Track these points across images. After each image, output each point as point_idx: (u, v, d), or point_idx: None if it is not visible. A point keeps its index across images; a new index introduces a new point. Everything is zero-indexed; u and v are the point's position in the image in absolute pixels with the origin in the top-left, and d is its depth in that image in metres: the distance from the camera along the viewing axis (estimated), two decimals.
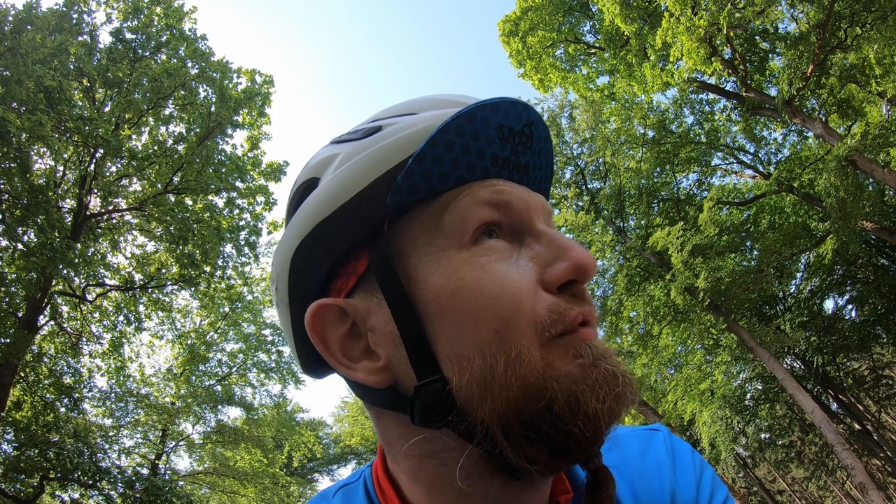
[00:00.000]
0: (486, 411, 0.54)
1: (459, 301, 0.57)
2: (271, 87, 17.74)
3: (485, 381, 0.54)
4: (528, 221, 0.62)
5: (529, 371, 0.54)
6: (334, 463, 35.67)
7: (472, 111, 0.59)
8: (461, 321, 0.57)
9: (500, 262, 0.58)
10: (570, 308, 0.57)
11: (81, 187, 14.27)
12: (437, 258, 0.60)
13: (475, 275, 0.57)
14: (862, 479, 12.10)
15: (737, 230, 15.40)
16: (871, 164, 11.68)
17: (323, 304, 0.65)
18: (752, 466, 22.98)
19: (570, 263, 0.58)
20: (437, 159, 0.59)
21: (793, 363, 18.18)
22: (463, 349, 0.56)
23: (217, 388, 21.48)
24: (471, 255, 0.59)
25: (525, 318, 0.55)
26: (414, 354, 0.59)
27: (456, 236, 0.60)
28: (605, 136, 17.34)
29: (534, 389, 0.54)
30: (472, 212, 0.60)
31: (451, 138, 0.59)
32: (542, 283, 0.58)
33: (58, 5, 13.88)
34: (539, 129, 0.65)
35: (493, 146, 0.62)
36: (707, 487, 0.75)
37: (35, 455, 12.54)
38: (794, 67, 12.66)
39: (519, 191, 0.63)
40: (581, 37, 18.35)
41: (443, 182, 0.61)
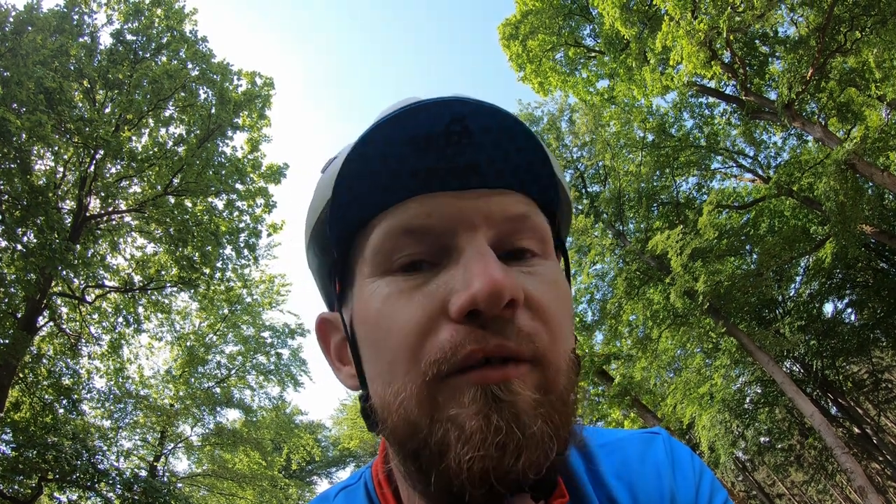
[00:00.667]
0: (389, 433, 0.57)
1: (365, 331, 0.60)
2: (271, 89, 17.74)
3: (382, 405, 0.57)
4: (450, 241, 0.57)
5: (411, 407, 0.53)
6: (333, 466, 35.68)
7: (368, 135, 0.56)
8: (371, 349, 0.59)
9: (403, 293, 0.56)
10: (464, 345, 0.52)
11: (81, 188, 14.27)
12: (362, 285, 0.61)
13: (377, 307, 0.57)
14: (861, 483, 12.09)
15: (736, 234, 15.39)
16: (871, 168, 11.71)
17: (322, 317, 0.74)
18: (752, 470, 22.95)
19: (468, 291, 0.52)
20: (351, 189, 0.59)
21: (792, 367, 18.18)
22: (372, 373, 0.60)
23: (216, 390, 21.47)
24: (378, 287, 0.58)
25: (409, 356, 0.54)
26: (357, 368, 0.64)
27: (377, 263, 0.59)
28: (605, 140, 17.37)
29: (416, 426, 0.53)
30: (387, 241, 0.58)
31: (357, 168, 0.58)
32: (445, 313, 0.54)
33: (59, 6, 13.89)
34: (478, 119, 0.56)
35: (409, 161, 0.57)
36: (706, 490, 0.74)
37: (33, 456, 12.52)
38: (793, 71, 12.69)
39: (447, 204, 0.58)
40: (581, 40, 18.36)
41: (363, 210, 0.60)
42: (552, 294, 0.58)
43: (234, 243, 16.78)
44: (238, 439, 21.38)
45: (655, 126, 16.63)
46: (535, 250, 0.61)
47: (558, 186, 0.64)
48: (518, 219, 0.60)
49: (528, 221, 0.61)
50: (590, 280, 17.62)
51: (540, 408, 0.52)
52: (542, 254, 0.62)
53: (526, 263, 0.59)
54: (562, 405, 0.55)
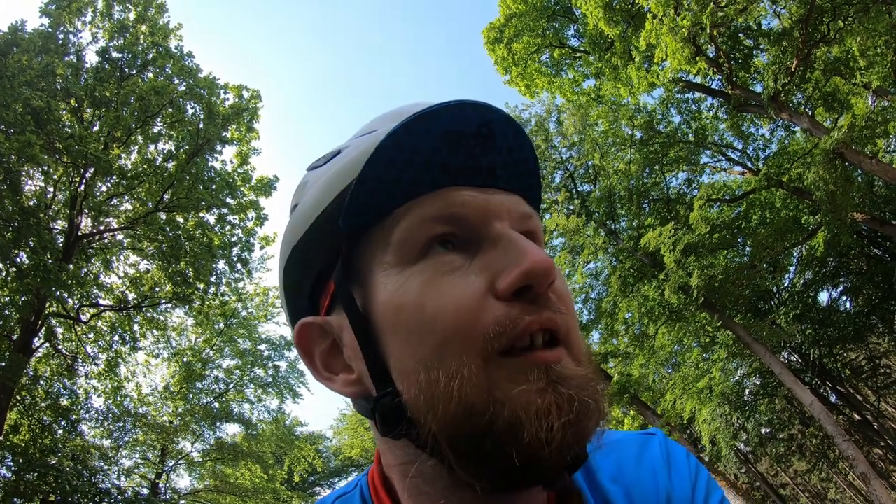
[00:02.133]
0: (432, 424, 0.55)
1: (403, 317, 0.58)
2: (259, 101, 17.75)
3: (429, 395, 0.55)
4: (485, 228, 0.60)
5: (471, 389, 0.53)
6: (335, 476, 35.54)
7: (408, 123, 0.58)
8: (406, 337, 0.58)
9: (445, 275, 0.57)
10: (521, 317, 0.54)
11: (72, 208, 14.23)
12: (387, 275, 0.60)
13: (418, 290, 0.57)
14: (864, 469, 12.10)
15: (728, 227, 15.40)
16: (859, 156, 11.76)
17: (304, 323, 0.68)
18: (754, 462, 22.95)
19: (520, 268, 0.54)
20: (379, 178, 0.59)
21: (790, 357, 18.22)
22: (409, 364, 0.57)
23: (215, 405, 21.40)
24: (416, 271, 0.59)
25: (465, 334, 0.54)
26: (372, 368, 0.61)
27: (404, 253, 0.60)
28: (594, 139, 17.38)
29: (475, 408, 0.53)
30: (418, 229, 0.59)
31: (391, 155, 0.58)
32: (493, 291, 0.56)
33: (43, 26, 13.87)
34: (502, 125, 0.61)
35: (442, 154, 0.60)
36: (702, 490, 0.75)
37: (34, 478, 12.47)
38: (778, 63, 12.74)
39: (476, 197, 0.61)
40: (565, 41, 18.41)
41: (390, 199, 0.61)
42: (564, 284, 0.62)
43: (227, 257, 16.76)
44: (239, 453, 21.32)
45: (643, 123, 16.66)
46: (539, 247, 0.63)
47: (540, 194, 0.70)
48: (527, 217, 0.65)
49: (533, 221, 0.65)
50: (584, 280, 17.60)
51: (590, 382, 0.56)
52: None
53: None
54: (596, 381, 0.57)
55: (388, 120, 0.67)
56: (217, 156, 16.65)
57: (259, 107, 17.77)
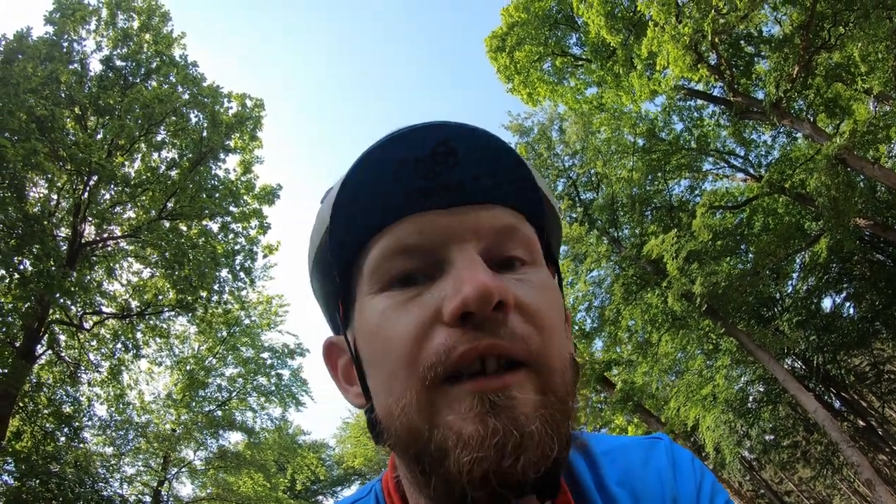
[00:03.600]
0: (393, 442, 0.60)
1: (367, 345, 0.63)
2: (262, 110, 17.80)
3: (386, 414, 0.60)
4: (444, 253, 0.60)
5: (415, 414, 0.56)
6: (338, 485, 35.41)
7: (362, 160, 0.61)
8: (371, 363, 0.63)
9: (398, 307, 0.60)
10: (457, 346, 0.55)
11: (76, 215, 14.26)
12: (361, 304, 0.65)
13: (375, 322, 0.61)
14: (869, 476, 12.05)
15: (731, 234, 15.39)
16: (861, 162, 11.77)
17: (330, 341, 0.77)
18: (759, 469, 22.81)
19: (458, 296, 0.55)
20: (348, 216, 0.63)
21: (793, 363, 18.13)
22: (375, 386, 0.63)
23: (217, 413, 21.35)
24: (376, 303, 0.62)
25: (409, 364, 0.56)
26: (361, 384, 0.67)
27: (373, 283, 0.63)
28: (596, 147, 17.39)
29: (417, 431, 0.56)
30: (383, 262, 0.62)
31: (353, 193, 0.62)
32: (440, 318, 0.57)
33: (48, 34, 13.94)
34: (461, 140, 0.60)
35: (401, 182, 0.61)
36: (707, 492, 0.76)
37: (36, 485, 12.46)
38: (779, 70, 12.78)
39: (436, 222, 0.61)
40: (567, 49, 18.46)
41: (361, 233, 0.64)
42: (542, 298, 0.61)
43: (230, 266, 16.76)
44: (241, 462, 21.28)
45: (645, 131, 16.67)
46: (524, 258, 0.64)
47: (542, 199, 0.68)
48: (505, 230, 0.63)
49: (516, 232, 0.64)
50: (587, 287, 17.60)
51: (540, 409, 0.55)
52: (531, 262, 0.65)
53: (516, 272, 0.63)
54: (561, 405, 0.57)
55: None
56: (220, 164, 16.70)
57: (262, 115, 17.83)
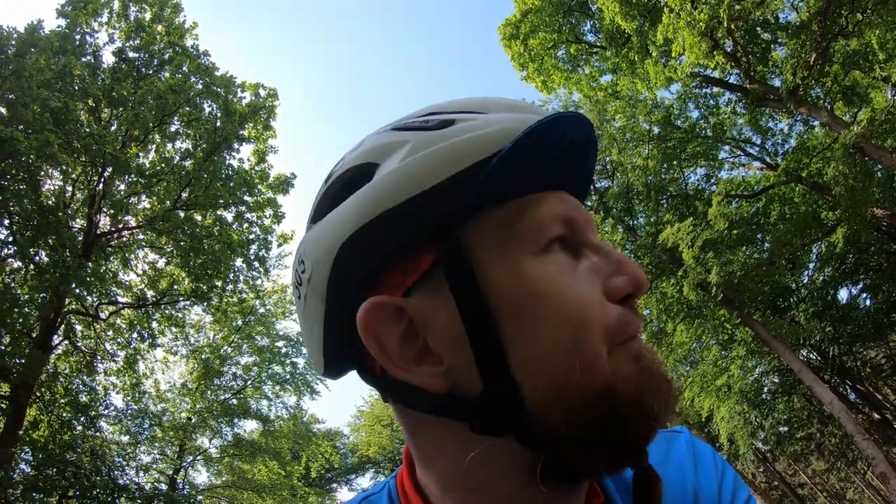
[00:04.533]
0: (560, 414, 0.54)
1: (536, 306, 0.56)
2: (276, 100, 17.87)
3: (560, 384, 0.54)
4: (586, 235, 0.63)
5: (601, 374, 0.55)
6: (352, 473, 35.62)
7: (550, 122, 0.58)
8: (537, 325, 0.56)
9: (568, 272, 0.59)
10: (633, 321, 0.59)
11: (91, 206, 14.39)
12: (510, 262, 0.58)
13: (551, 282, 0.57)
14: (883, 469, 11.98)
15: (747, 223, 15.25)
16: (879, 151, 11.61)
17: (378, 302, 0.60)
18: (772, 460, 22.77)
19: (629, 277, 0.59)
20: (517, 164, 0.58)
21: (809, 355, 18.03)
22: (538, 354, 0.56)
23: (232, 401, 21.54)
24: (542, 264, 0.58)
25: (598, 326, 0.56)
26: (482, 358, 0.57)
27: (529, 243, 0.59)
28: (611, 135, 17.28)
29: (604, 392, 0.55)
30: (549, 224, 0.60)
31: (534, 144, 0.58)
32: (605, 293, 0.59)
33: (60, 27, 14.03)
34: (594, 144, 0.67)
35: (563, 159, 0.63)
36: (729, 488, 0.76)
37: (53, 474, 12.63)
38: (796, 57, 12.61)
39: (580, 206, 0.65)
40: (582, 36, 18.34)
41: (518, 187, 0.60)
42: None
43: (245, 255, 16.88)
44: (256, 450, 21.50)
45: (661, 118, 16.55)
46: None
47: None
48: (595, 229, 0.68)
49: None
50: None
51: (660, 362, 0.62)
52: None
53: None
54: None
55: (499, 107, 0.65)
56: (234, 154, 16.80)
57: (276, 105, 17.90)
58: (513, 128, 0.59)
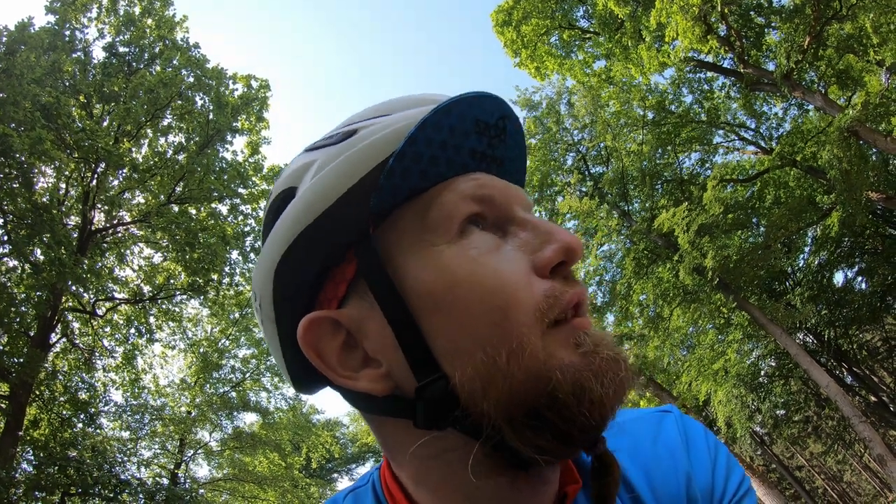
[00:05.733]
0: (491, 404, 0.54)
1: (455, 295, 0.56)
2: (268, 91, 17.79)
3: (487, 373, 0.54)
4: (511, 211, 0.62)
5: (532, 360, 0.53)
6: (353, 462, 35.80)
7: (447, 106, 0.58)
8: (458, 315, 0.56)
9: (490, 253, 0.58)
10: (565, 290, 0.57)
11: (85, 203, 14.34)
12: (426, 255, 0.59)
13: (468, 267, 0.56)
14: (880, 451, 12.06)
15: (742, 207, 15.29)
16: (874, 134, 11.60)
17: (314, 318, 0.62)
18: (770, 444, 22.92)
19: (558, 245, 0.58)
20: (416, 157, 0.58)
21: (805, 338, 18.09)
22: (462, 343, 0.55)
23: (232, 394, 21.61)
24: (460, 249, 0.58)
25: (524, 307, 0.55)
26: (411, 355, 0.58)
27: (442, 231, 0.59)
28: (605, 121, 17.24)
29: (537, 378, 0.53)
30: (457, 206, 0.59)
31: (429, 135, 0.58)
32: (533, 268, 0.57)
33: (50, 24, 13.91)
34: (512, 122, 0.66)
35: (470, 140, 0.62)
36: (722, 468, 0.74)
37: (55, 472, 12.65)
38: (790, 41, 12.57)
39: (499, 182, 0.64)
40: (575, 22, 18.25)
41: (424, 179, 0.60)
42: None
43: (241, 247, 16.86)
44: (257, 442, 21.54)
45: (655, 104, 16.52)
46: None
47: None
48: (530, 207, 0.67)
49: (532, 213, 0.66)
50: (598, 262, 17.59)
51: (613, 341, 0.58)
52: None
53: None
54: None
55: (403, 104, 0.66)
56: (228, 146, 16.79)
57: (268, 96, 17.83)
58: (405, 125, 0.60)
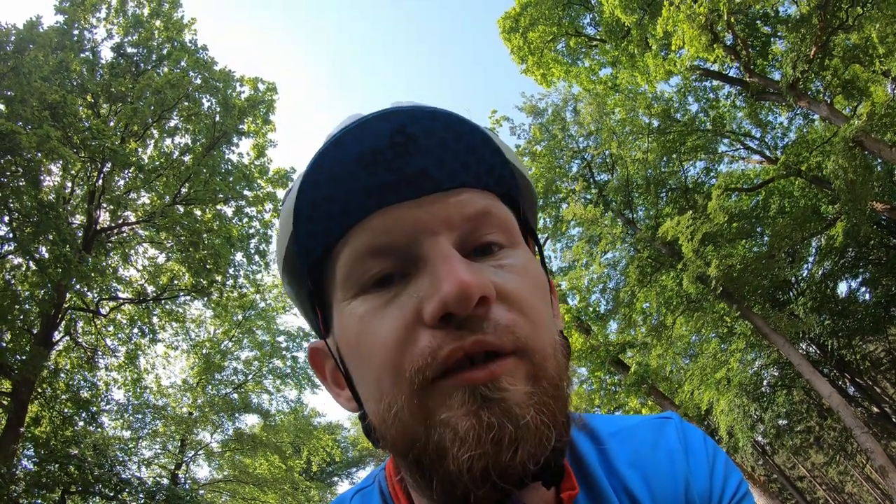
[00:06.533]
0: (389, 447, 0.58)
1: (349, 353, 0.61)
2: (275, 94, 17.81)
3: (380, 421, 0.57)
4: (417, 249, 0.57)
5: (405, 418, 0.54)
6: (353, 466, 35.78)
7: (316, 160, 0.57)
8: (357, 370, 0.61)
9: (376, 311, 0.57)
10: (443, 346, 0.53)
11: (90, 202, 14.37)
12: (338, 311, 0.62)
13: (356, 328, 0.58)
14: (882, 462, 12.01)
15: (746, 216, 15.27)
16: (879, 145, 11.58)
17: (312, 347, 0.73)
18: (771, 454, 22.80)
19: (437, 296, 0.52)
20: (310, 218, 0.59)
21: (808, 348, 18.02)
22: (364, 393, 0.61)
23: (233, 396, 21.62)
24: (353, 308, 0.59)
25: (394, 369, 0.54)
26: (351, 391, 0.65)
27: (347, 288, 0.60)
28: (611, 128, 17.26)
29: (414, 435, 0.54)
30: (356, 266, 0.59)
31: (311, 196, 0.58)
32: (421, 320, 0.54)
33: (58, 23, 13.97)
34: (419, 124, 0.57)
35: (360, 179, 0.57)
36: (720, 472, 0.75)
37: (56, 470, 12.67)
38: (796, 50, 12.57)
39: (403, 216, 0.58)
40: (581, 29, 18.29)
41: (329, 235, 0.60)
42: (524, 282, 0.59)
43: (245, 249, 16.87)
44: (257, 444, 21.52)
45: (661, 112, 16.52)
46: (502, 242, 0.61)
47: (515, 173, 0.65)
48: (477, 216, 0.60)
49: (489, 216, 0.61)
50: (602, 269, 17.56)
51: (531, 398, 0.53)
52: (510, 244, 0.62)
53: (494, 257, 0.60)
54: (554, 390, 0.55)
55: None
56: (234, 148, 16.77)
57: (275, 99, 17.84)
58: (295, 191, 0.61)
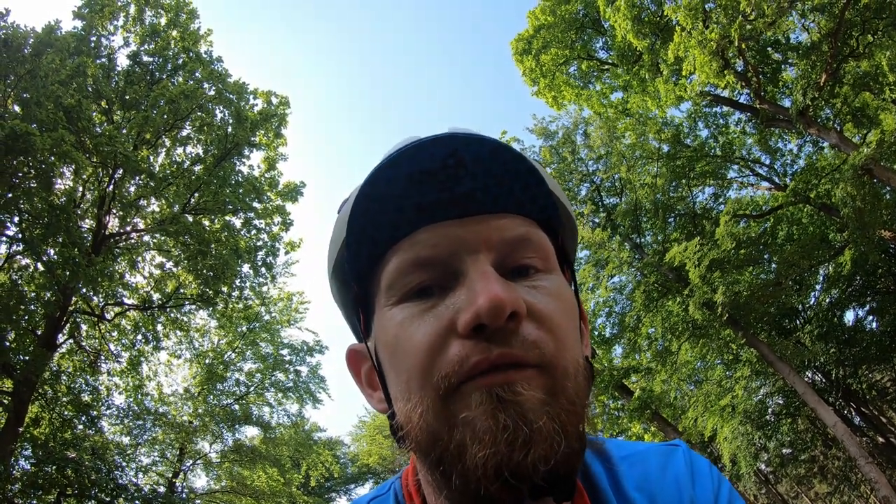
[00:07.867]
0: (412, 446, 0.62)
1: (386, 355, 0.65)
2: (287, 108, 17.96)
3: (407, 421, 0.61)
4: (458, 264, 0.62)
5: (430, 418, 0.58)
6: (352, 482, 35.56)
7: (373, 176, 0.62)
8: (390, 371, 0.65)
9: (415, 318, 0.61)
10: (470, 357, 0.56)
11: (100, 207, 14.47)
12: (379, 315, 0.67)
13: (394, 332, 0.62)
14: (886, 493, 11.85)
15: (754, 243, 15.18)
16: (888, 173, 11.58)
17: (351, 349, 0.78)
18: (775, 483, 22.49)
19: (472, 308, 0.56)
20: (362, 230, 0.64)
21: (814, 376, 17.84)
22: (395, 394, 0.65)
23: (234, 407, 21.56)
24: (394, 314, 0.63)
25: (424, 374, 0.58)
26: (384, 391, 0.69)
27: (391, 295, 0.65)
28: (621, 152, 17.32)
29: (437, 435, 0.57)
30: (401, 276, 0.63)
31: (365, 206, 0.63)
32: (456, 329, 0.58)
33: (76, 29, 14.17)
34: (470, 150, 0.61)
35: (411, 196, 0.62)
36: (724, 500, 0.77)
37: (53, 471, 12.64)
38: (807, 77, 12.62)
39: (448, 233, 0.63)
40: (594, 53, 18.40)
41: (377, 247, 0.65)
42: (555, 304, 0.62)
43: (252, 261, 16.92)
44: (257, 456, 21.43)
45: (670, 137, 16.57)
46: (538, 266, 0.65)
47: (557, 205, 0.69)
48: (516, 240, 0.64)
49: (528, 241, 0.65)
50: (608, 293, 17.50)
51: (545, 406, 0.56)
52: (545, 269, 0.65)
53: (529, 279, 0.63)
54: (569, 405, 0.58)
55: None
56: (245, 160, 16.88)
57: (287, 113, 18.00)
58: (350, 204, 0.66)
